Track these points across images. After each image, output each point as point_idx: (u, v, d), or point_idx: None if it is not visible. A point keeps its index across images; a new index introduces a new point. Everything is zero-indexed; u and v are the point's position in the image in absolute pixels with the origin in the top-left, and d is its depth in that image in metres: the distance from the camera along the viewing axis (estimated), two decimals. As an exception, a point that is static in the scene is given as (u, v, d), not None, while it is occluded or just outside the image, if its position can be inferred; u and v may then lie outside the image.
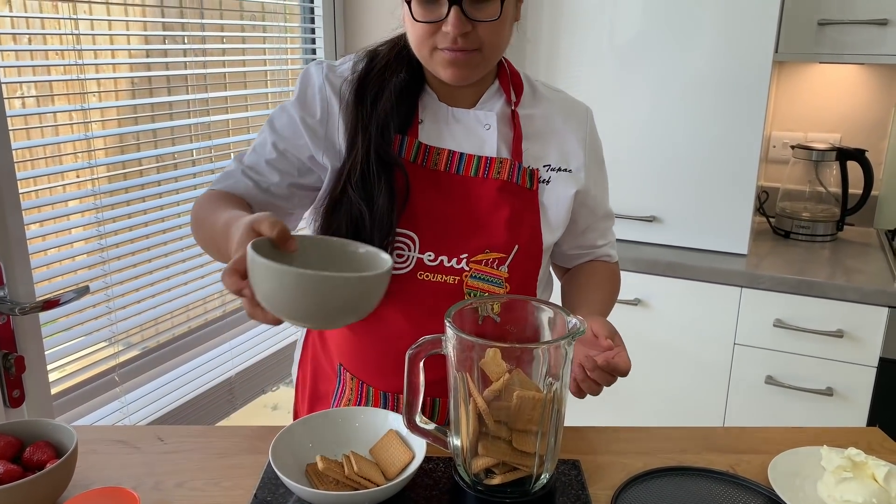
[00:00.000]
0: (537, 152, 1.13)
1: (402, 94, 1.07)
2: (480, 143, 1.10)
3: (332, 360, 1.17)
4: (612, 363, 0.93)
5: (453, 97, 1.11)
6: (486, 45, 1.01)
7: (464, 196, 1.08)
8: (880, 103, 2.39)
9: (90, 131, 1.56)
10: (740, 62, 2.00)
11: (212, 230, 0.98)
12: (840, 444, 1.01)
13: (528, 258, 1.10)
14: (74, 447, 0.88)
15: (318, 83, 1.09)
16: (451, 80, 1.03)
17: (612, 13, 2.13)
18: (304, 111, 1.09)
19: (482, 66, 1.04)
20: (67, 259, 1.53)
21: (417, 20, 0.99)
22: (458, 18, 0.96)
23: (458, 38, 0.98)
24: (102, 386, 1.64)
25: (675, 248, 2.20)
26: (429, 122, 1.10)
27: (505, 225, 1.07)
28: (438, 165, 1.08)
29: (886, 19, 1.99)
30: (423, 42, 1.01)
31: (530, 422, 0.82)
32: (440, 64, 1.02)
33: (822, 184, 2.35)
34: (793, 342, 2.01)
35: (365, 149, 1.03)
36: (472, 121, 1.11)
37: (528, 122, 1.14)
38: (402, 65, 1.08)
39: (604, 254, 1.29)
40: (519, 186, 1.09)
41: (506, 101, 1.13)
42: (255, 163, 1.11)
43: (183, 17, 1.83)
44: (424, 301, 1.05)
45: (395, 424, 0.96)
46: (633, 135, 2.16)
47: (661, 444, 1.07)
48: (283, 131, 1.10)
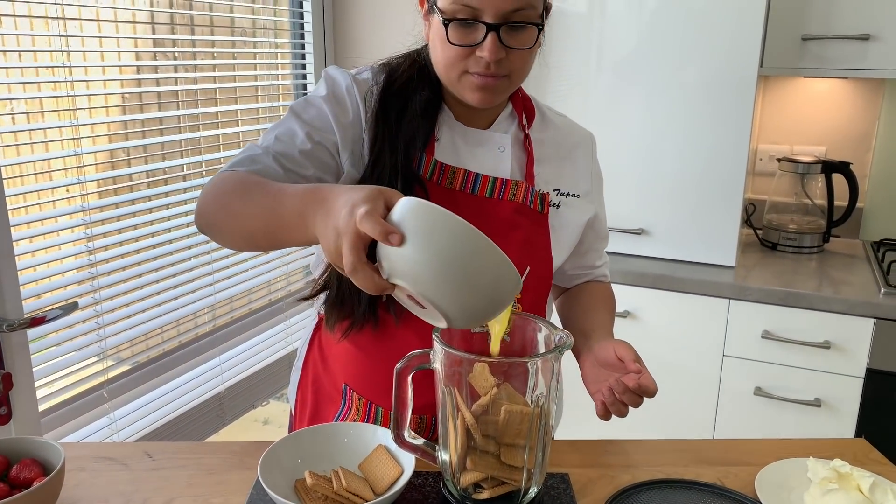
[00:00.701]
0: (548, 177, 1.14)
1: (425, 112, 1.06)
2: (495, 164, 1.10)
3: (336, 381, 1.15)
4: (642, 385, 0.94)
5: (469, 117, 1.11)
6: (514, 71, 1.01)
7: (479, 216, 1.05)
8: (864, 117, 2.42)
9: (80, 147, 1.56)
10: (726, 76, 2.03)
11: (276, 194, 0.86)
12: (826, 456, 1.02)
13: (539, 280, 1.11)
14: (62, 465, 0.88)
15: (347, 84, 1.06)
16: (478, 103, 1.03)
17: (601, 28, 2.15)
18: (337, 107, 1.05)
19: (508, 92, 1.05)
20: (57, 275, 1.53)
21: (453, 43, 0.97)
22: (495, 45, 0.96)
23: (491, 64, 0.97)
24: (91, 402, 1.63)
25: (663, 261, 2.21)
26: (445, 140, 1.09)
27: (519, 247, 1.07)
28: (454, 184, 1.07)
29: (868, 34, 2.02)
30: (454, 65, 1.00)
31: (518, 436, 0.82)
32: (469, 88, 1.01)
33: (809, 196, 2.37)
34: (781, 353, 2.02)
35: (392, 164, 1.02)
36: (488, 142, 1.11)
37: (539, 147, 1.15)
38: (423, 82, 1.07)
39: (601, 274, 1.31)
40: (531, 210, 1.10)
41: (518, 124, 1.14)
42: (287, 151, 1.02)
43: (174, 34, 1.84)
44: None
45: (383, 439, 0.96)
46: (622, 148, 2.18)
47: (648, 457, 1.07)
48: (314, 122, 1.04)
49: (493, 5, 0.94)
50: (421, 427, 1.08)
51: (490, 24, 0.95)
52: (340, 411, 1.13)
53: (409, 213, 0.69)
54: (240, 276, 2.08)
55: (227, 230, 0.94)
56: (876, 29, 2.02)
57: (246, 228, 0.91)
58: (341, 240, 0.72)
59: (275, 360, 2.21)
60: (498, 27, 0.95)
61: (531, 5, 0.97)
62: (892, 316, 1.88)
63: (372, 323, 1.05)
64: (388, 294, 0.76)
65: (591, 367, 1.06)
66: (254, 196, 0.90)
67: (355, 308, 1.04)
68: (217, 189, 0.96)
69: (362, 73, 1.10)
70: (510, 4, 0.94)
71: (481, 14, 0.95)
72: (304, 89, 2.37)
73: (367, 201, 0.71)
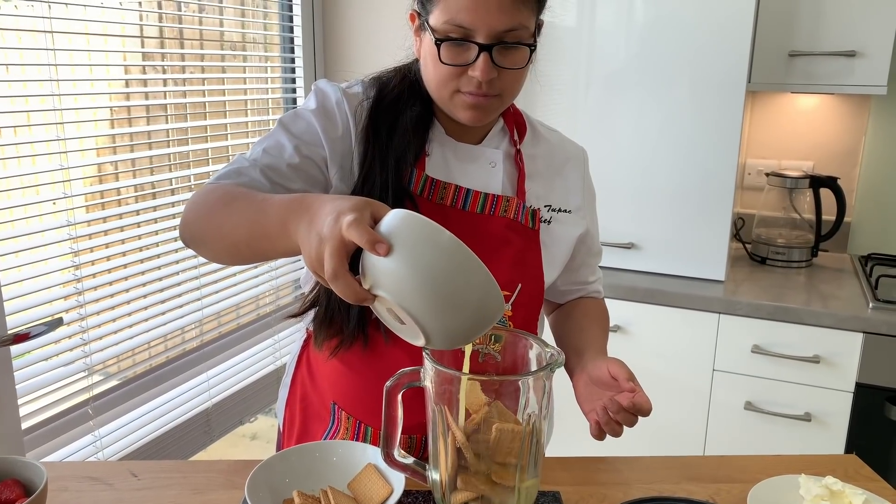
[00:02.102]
0: (539, 192, 1.14)
1: (416, 127, 1.05)
2: (486, 180, 1.10)
3: (325, 399, 1.13)
4: (637, 404, 0.93)
5: (460, 133, 1.10)
6: (506, 92, 1.01)
7: (470, 232, 1.04)
8: (851, 132, 2.44)
9: (67, 161, 1.55)
10: (715, 92, 2.04)
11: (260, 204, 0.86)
12: (818, 472, 1.02)
13: (531, 297, 1.10)
14: (44, 486, 0.86)
15: (337, 98, 1.05)
16: (469, 122, 1.02)
17: (590, 43, 2.16)
18: (327, 122, 1.04)
19: (499, 110, 1.05)
20: (42, 290, 1.51)
21: (445, 62, 0.97)
22: (487, 65, 0.95)
23: (483, 84, 0.97)
24: (75, 419, 1.61)
25: (653, 275, 2.21)
26: (436, 155, 1.09)
27: (510, 263, 1.07)
28: (445, 200, 1.07)
29: (854, 51, 2.04)
30: (446, 84, 0.99)
31: (510, 454, 0.81)
32: (460, 106, 1.01)
33: (797, 210, 2.39)
34: (771, 368, 2.02)
35: (383, 181, 1.01)
36: (479, 158, 1.10)
37: (531, 162, 1.14)
38: (415, 97, 1.07)
39: (594, 290, 1.30)
40: (523, 226, 1.10)
41: (510, 140, 1.14)
42: (275, 164, 1.01)
43: (163, 47, 1.84)
44: None
45: (373, 458, 0.95)
46: (612, 163, 2.18)
47: (640, 475, 1.06)
48: (303, 136, 1.03)
49: (486, 25, 0.94)
50: (411, 447, 1.07)
51: (483, 45, 0.94)
52: (329, 430, 1.12)
53: (399, 224, 0.69)
54: (228, 291, 2.06)
55: (211, 241, 0.94)
56: (862, 46, 2.04)
57: (229, 239, 0.90)
58: (324, 246, 0.71)
59: (263, 375, 2.20)
60: (490, 47, 0.95)
61: (524, 25, 0.96)
62: (881, 330, 1.89)
63: (361, 341, 1.04)
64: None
65: (584, 386, 1.05)
66: (237, 206, 0.89)
67: (344, 326, 1.03)
68: (201, 200, 0.95)
69: (353, 86, 1.09)
70: (503, 24, 0.94)
71: (474, 34, 0.94)
72: (293, 103, 2.37)
73: (354, 210, 0.70)
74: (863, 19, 2.02)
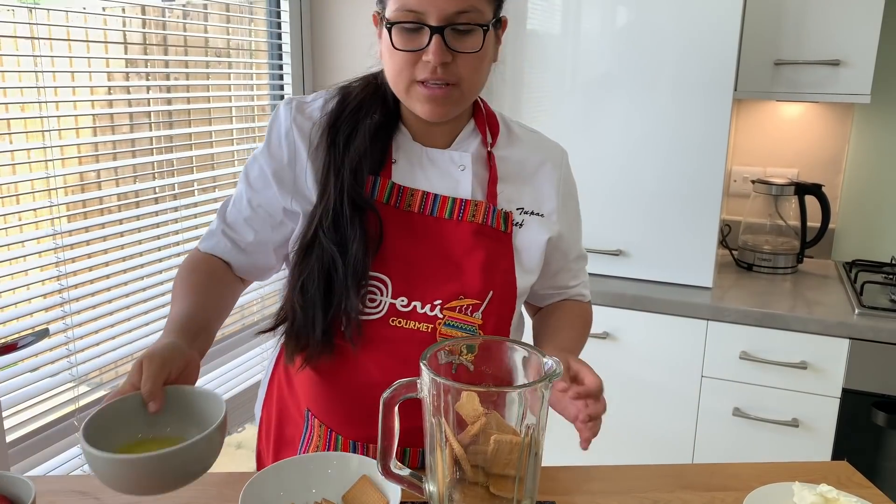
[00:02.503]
0: (511, 195, 1.12)
1: (376, 135, 1.05)
2: (455, 184, 1.09)
3: (300, 404, 1.13)
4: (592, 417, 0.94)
5: (428, 137, 1.10)
6: (464, 80, 1.00)
7: (438, 239, 1.06)
8: (835, 140, 2.46)
9: (49, 170, 1.52)
10: (702, 100, 2.05)
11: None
12: (810, 479, 1.02)
13: (502, 304, 1.08)
14: (32, 501, 0.85)
15: (286, 126, 1.08)
16: (428, 116, 1.02)
17: (575, 50, 2.17)
18: (272, 158, 1.08)
19: (459, 104, 1.04)
20: (24, 301, 1.48)
21: (398, 48, 0.98)
22: (440, 47, 0.95)
23: (437, 69, 0.97)
24: (61, 431, 1.58)
25: (641, 282, 2.22)
26: (402, 162, 1.08)
27: (480, 270, 1.05)
28: (412, 207, 1.06)
29: (838, 60, 2.07)
30: (402, 73, 0.99)
31: (508, 466, 0.80)
32: (417, 99, 1.01)
33: (782, 217, 2.41)
34: (759, 374, 2.03)
35: (338, 192, 1.02)
36: (447, 161, 1.09)
37: (504, 164, 1.13)
38: (376, 105, 1.07)
39: (576, 294, 1.28)
40: (493, 230, 1.08)
41: (482, 141, 1.12)
42: (235, 220, 1.11)
43: (146, 53, 1.82)
44: (397, 349, 1.03)
45: (368, 470, 0.94)
46: (600, 170, 2.19)
47: (634, 483, 1.06)
48: (255, 184, 1.09)
49: (436, 7, 0.94)
50: (403, 460, 1.07)
51: (434, 27, 0.95)
52: (304, 437, 1.11)
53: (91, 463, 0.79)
54: (214, 300, 2.03)
55: None
56: (846, 55, 2.06)
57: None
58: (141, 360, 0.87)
59: (250, 385, 2.17)
60: (442, 29, 0.95)
61: (476, 8, 0.96)
62: (867, 336, 1.90)
63: (328, 352, 1.04)
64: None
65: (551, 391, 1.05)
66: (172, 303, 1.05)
67: (311, 339, 1.03)
68: (179, 272, 1.10)
69: (315, 100, 1.10)
70: (453, 6, 0.95)
71: (425, 17, 0.95)
72: (279, 110, 2.35)
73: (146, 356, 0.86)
74: (847, 29, 2.05)
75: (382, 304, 1.03)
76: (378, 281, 1.03)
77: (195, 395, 0.89)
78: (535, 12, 2.20)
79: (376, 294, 1.03)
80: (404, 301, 1.03)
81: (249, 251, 1.11)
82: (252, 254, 1.11)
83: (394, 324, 1.03)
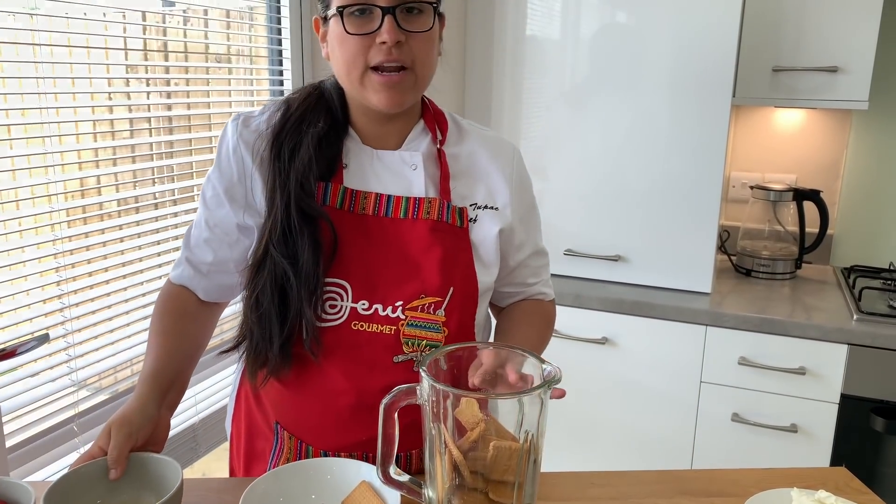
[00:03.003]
0: (464, 191, 1.13)
1: (321, 143, 1.06)
2: (408, 184, 1.09)
3: (269, 418, 1.12)
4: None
5: (378, 139, 1.11)
6: (417, 62, 1.01)
7: (395, 240, 1.06)
8: (833, 146, 2.47)
9: (51, 175, 1.53)
10: (700, 106, 2.06)
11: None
12: (808, 485, 1.02)
13: (464, 299, 1.08)
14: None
15: (233, 143, 1.09)
16: (385, 105, 1.02)
17: (574, 56, 2.18)
18: (222, 176, 1.10)
19: (414, 90, 1.04)
20: (23, 307, 1.49)
21: (350, 33, 0.99)
22: (393, 26, 0.97)
23: (392, 49, 0.98)
24: (60, 437, 1.58)
25: (640, 287, 2.22)
26: (353, 166, 1.09)
27: (438, 266, 1.05)
28: (366, 210, 1.06)
29: (836, 67, 2.08)
30: (355, 60, 1.00)
31: (507, 472, 0.81)
32: (373, 88, 1.01)
33: (781, 223, 2.41)
34: (757, 380, 2.03)
35: (284, 204, 1.02)
36: (398, 162, 1.10)
37: (455, 161, 1.13)
38: (319, 114, 1.08)
39: (537, 292, 1.27)
40: (449, 226, 1.08)
41: (431, 139, 1.13)
42: (196, 243, 1.14)
43: (147, 59, 1.82)
44: (361, 354, 1.03)
45: (367, 476, 0.94)
46: (600, 175, 2.20)
47: (632, 489, 1.06)
48: (210, 203, 1.12)
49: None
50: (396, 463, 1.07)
51: (385, 8, 0.97)
52: (274, 450, 1.11)
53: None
54: (214, 305, 2.03)
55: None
56: (844, 61, 2.07)
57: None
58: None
59: (224, 404, 2.16)
60: (393, 9, 0.97)
61: None
62: (865, 342, 1.91)
63: (287, 367, 1.04)
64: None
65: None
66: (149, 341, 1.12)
67: (269, 353, 1.03)
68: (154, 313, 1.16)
69: (263, 113, 1.11)
70: None
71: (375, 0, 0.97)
72: (279, 116, 2.35)
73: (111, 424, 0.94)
74: (845, 36, 2.06)
75: (343, 310, 1.03)
76: (338, 287, 1.03)
77: (153, 461, 0.93)
78: (534, 18, 2.21)
79: (336, 300, 1.03)
80: (365, 305, 1.03)
81: (211, 273, 1.13)
82: (213, 275, 1.14)
83: (356, 328, 1.03)
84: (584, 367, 2.20)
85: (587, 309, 2.17)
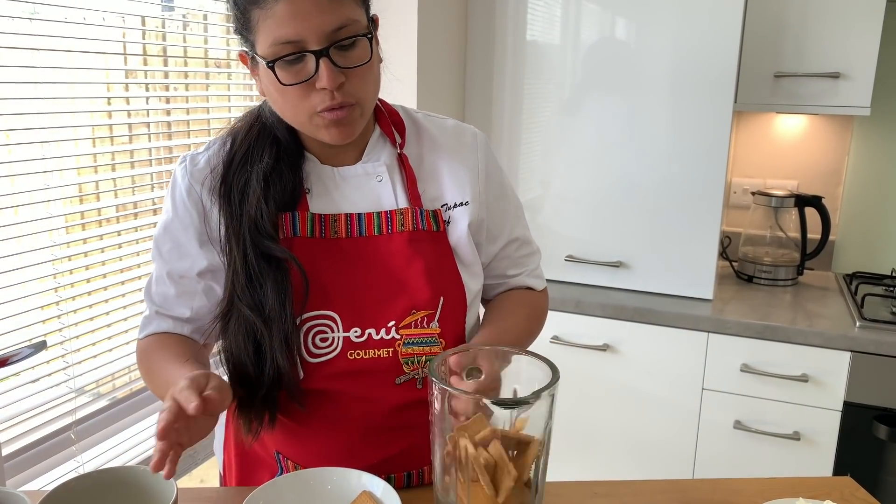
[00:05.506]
0: (433, 192, 1.08)
1: (270, 179, 0.99)
2: (376, 197, 1.05)
3: (268, 448, 1.08)
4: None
5: (336, 157, 1.05)
6: (361, 95, 0.95)
7: (374, 259, 1.01)
8: (834, 152, 2.46)
9: (47, 180, 1.52)
10: (702, 112, 2.06)
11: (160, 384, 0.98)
12: (813, 495, 1.01)
13: (455, 305, 1.05)
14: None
15: (185, 186, 1.03)
16: (336, 140, 0.97)
17: (575, 62, 2.17)
18: (181, 223, 1.03)
19: (363, 118, 0.99)
20: (21, 314, 1.47)
21: (286, 84, 0.92)
22: (331, 70, 0.91)
23: (334, 93, 0.92)
24: (58, 444, 1.57)
25: (641, 294, 2.21)
26: (317, 189, 1.04)
27: (424, 278, 1.01)
28: (339, 233, 1.01)
29: (838, 72, 2.07)
30: (298, 108, 0.95)
31: (524, 469, 0.80)
32: (322, 127, 0.96)
33: (782, 229, 2.40)
34: (760, 387, 2.02)
35: (242, 251, 0.97)
36: (362, 176, 1.05)
37: (418, 164, 1.08)
38: (262, 148, 1.02)
39: (519, 283, 1.20)
40: (427, 232, 1.04)
41: (391, 145, 1.08)
42: (164, 300, 1.06)
43: (146, 64, 1.82)
44: (362, 383, 0.99)
45: (368, 485, 0.93)
46: (601, 181, 2.19)
47: (635, 499, 1.05)
48: (169, 257, 1.05)
49: (313, 31, 0.89)
50: None
51: (317, 51, 0.90)
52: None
53: None
54: (213, 312, 2.02)
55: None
56: (845, 67, 2.07)
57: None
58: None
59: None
60: (326, 51, 0.90)
61: (352, 20, 0.92)
62: (868, 349, 1.90)
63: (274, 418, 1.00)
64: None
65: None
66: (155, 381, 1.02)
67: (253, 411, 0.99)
68: (139, 366, 1.07)
69: (209, 148, 1.05)
70: (330, 24, 0.90)
71: (305, 44, 0.90)
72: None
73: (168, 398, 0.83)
74: (846, 42, 2.05)
75: (336, 341, 0.99)
76: (325, 318, 0.99)
77: (147, 476, 0.90)
78: (535, 24, 2.20)
79: (327, 332, 0.99)
80: (358, 332, 0.99)
81: (193, 320, 1.07)
82: (197, 320, 1.07)
83: (352, 357, 0.99)
84: (585, 374, 2.19)
85: (588, 315, 2.16)
